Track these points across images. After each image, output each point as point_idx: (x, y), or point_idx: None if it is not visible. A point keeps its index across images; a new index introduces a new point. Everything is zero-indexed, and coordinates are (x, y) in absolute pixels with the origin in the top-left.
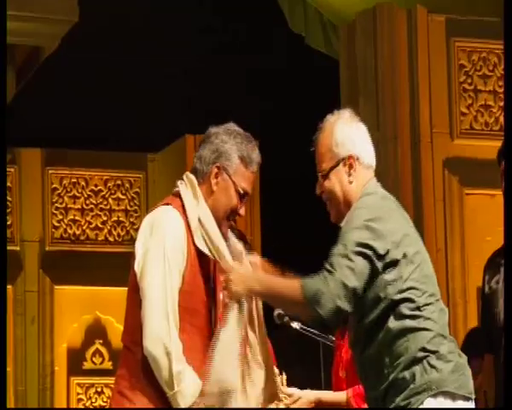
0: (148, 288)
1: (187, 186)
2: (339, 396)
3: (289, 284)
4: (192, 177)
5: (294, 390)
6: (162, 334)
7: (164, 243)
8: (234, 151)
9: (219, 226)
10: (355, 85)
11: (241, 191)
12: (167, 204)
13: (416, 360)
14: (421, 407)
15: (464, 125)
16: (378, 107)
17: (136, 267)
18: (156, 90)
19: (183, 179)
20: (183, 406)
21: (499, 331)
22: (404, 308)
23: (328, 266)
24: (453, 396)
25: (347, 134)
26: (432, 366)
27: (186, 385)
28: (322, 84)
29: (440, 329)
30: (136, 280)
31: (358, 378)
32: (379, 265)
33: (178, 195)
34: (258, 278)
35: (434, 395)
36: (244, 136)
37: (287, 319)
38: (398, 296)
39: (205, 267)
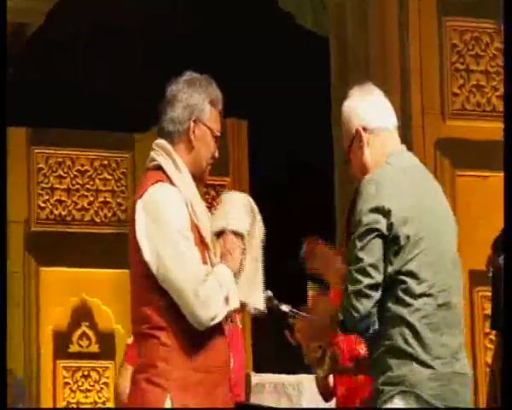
0: (176, 280)
1: (164, 157)
2: None
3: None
4: (165, 144)
5: None
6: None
7: (173, 223)
8: (203, 99)
9: (202, 177)
10: (345, 66)
11: (217, 133)
12: (156, 181)
13: (398, 350)
14: (389, 405)
15: (456, 106)
16: None
17: (149, 258)
18: (144, 69)
19: (155, 150)
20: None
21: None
22: (399, 291)
23: (346, 280)
24: (424, 403)
25: (351, 109)
26: (409, 365)
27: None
28: (311, 64)
29: (432, 326)
30: (146, 267)
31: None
32: (386, 245)
33: (159, 167)
34: (321, 325)
35: (404, 393)
36: (205, 79)
37: (276, 301)
38: (396, 278)
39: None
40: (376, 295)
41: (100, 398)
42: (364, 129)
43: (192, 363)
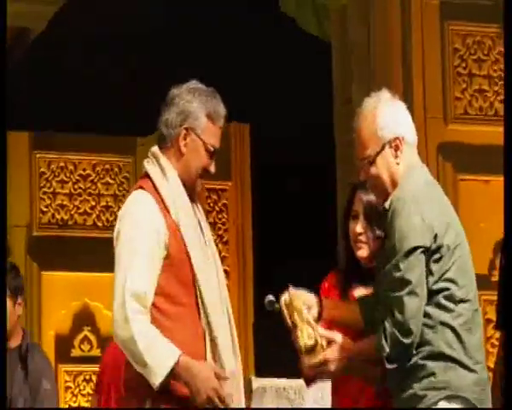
0: (115, 284)
1: (154, 163)
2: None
3: (368, 342)
4: (155, 150)
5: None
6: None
7: (130, 234)
8: (200, 109)
9: (193, 186)
10: (347, 70)
11: (211, 149)
12: (137, 188)
13: (441, 356)
14: (434, 407)
15: (458, 110)
16: (371, 91)
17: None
18: (145, 73)
19: (148, 157)
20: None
21: None
22: (442, 298)
23: (387, 306)
24: (470, 404)
25: (391, 115)
26: (454, 369)
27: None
28: (314, 68)
29: (471, 331)
30: None
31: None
32: (427, 257)
33: (148, 175)
34: (350, 354)
35: (451, 398)
36: (208, 92)
37: (277, 305)
38: (437, 286)
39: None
40: (422, 312)
41: None
42: (403, 139)
43: None
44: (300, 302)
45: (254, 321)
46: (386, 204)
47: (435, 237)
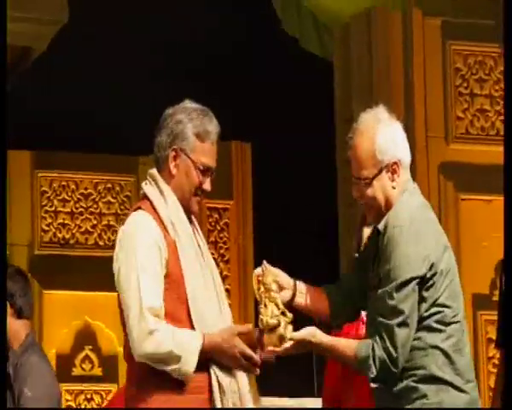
0: (125, 307)
1: (151, 184)
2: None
3: (346, 344)
4: (153, 172)
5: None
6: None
7: (135, 253)
8: (189, 129)
9: (188, 205)
10: (349, 89)
11: (202, 167)
12: (136, 209)
13: (433, 378)
14: None
15: (460, 130)
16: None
17: (115, 283)
18: (147, 92)
19: (146, 178)
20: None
21: None
22: (433, 322)
23: (378, 331)
24: None
25: (390, 138)
26: (446, 391)
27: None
28: (315, 87)
29: (461, 351)
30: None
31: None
32: (421, 285)
33: (146, 196)
34: (320, 345)
35: None
36: (198, 110)
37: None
38: (429, 312)
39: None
40: (411, 340)
41: None
42: (400, 162)
43: (172, 385)
44: (271, 280)
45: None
46: (380, 226)
47: (431, 266)
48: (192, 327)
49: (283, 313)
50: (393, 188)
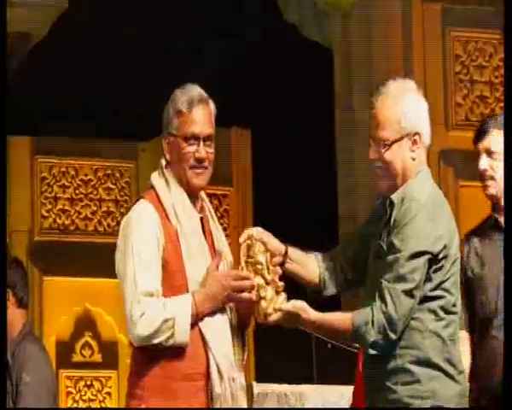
0: (123, 293)
1: (158, 174)
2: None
3: (340, 317)
4: (161, 161)
5: None
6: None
7: (131, 242)
8: (170, 112)
9: (189, 183)
10: (349, 76)
11: (187, 137)
12: (139, 199)
13: (428, 363)
14: None
15: (460, 117)
16: (372, 98)
17: (116, 270)
18: (147, 78)
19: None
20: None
21: (485, 321)
22: (435, 305)
23: (381, 294)
24: None
25: (416, 108)
26: (439, 379)
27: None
28: (315, 73)
29: (455, 342)
30: None
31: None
32: (430, 264)
33: (152, 186)
34: (311, 318)
35: (435, 408)
36: (178, 90)
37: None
38: (434, 293)
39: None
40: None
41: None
42: (420, 136)
43: (168, 372)
44: (258, 250)
45: (255, 327)
46: (395, 197)
47: (444, 247)
48: None
49: (268, 283)
50: (412, 160)
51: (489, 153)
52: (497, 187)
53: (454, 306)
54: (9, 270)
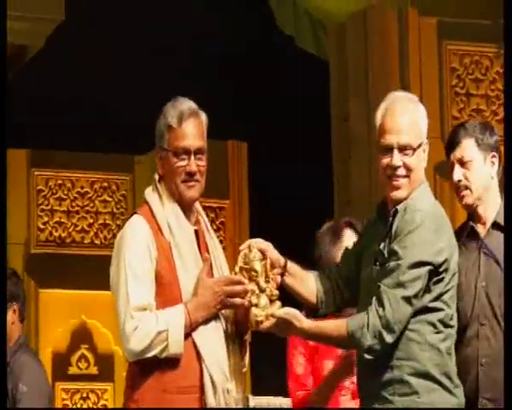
0: (116, 308)
1: (152, 188)
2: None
3: (334, 324)
4: (154, 176)
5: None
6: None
7: (124, 256)
8: (162, 126)
9: (181, 196)
10: (345, 87)
11: (179, 152)
12: (132, 215)
13: (426, 375)
14: None
15: None
16: (369, 109)
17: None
18: (142, 91)
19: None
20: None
21: (460, 329)
22: (434, 318)
23: (379, 298)
24: None
25: (426, 119)
26: (437, 392)
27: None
28: (311, 86)
29: (452, 356)
30: None
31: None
32: (431, 275)
33: (146, 201)
34: (304, 327)
35: None
36: (168, 105)
37: None
38: (432, 304)
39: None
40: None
41: None
42: (427, 146)
43: (162, 385)
44: (254, 257)
45: (251, 340)
46: (399, 207)
47: (445, 260)
48: None
49: (262, 291)
50: (423, 168)
51: (462, 163)
52: (472, 196)
53: (451, 319)
54: (10, 282)
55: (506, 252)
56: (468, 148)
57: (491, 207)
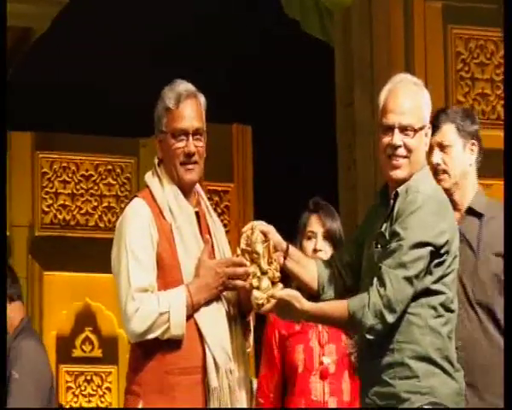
0: (118, 289)
1: (152, 172)
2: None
3: (334, 305)
4: (154, 160)
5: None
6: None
7: (124, 239)
8: (160, 109)
9: (180, 179)
10: (350, 73)
11: (176, 133)
12: (134, 197)
13: (426, 359)
14: None
15: None
16: (373, 94)
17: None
18: (148, 73)
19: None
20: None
21: None
22: (435, 301)
23: (380, 278)
24: None
25: (429, 106)
26: (438, 376)
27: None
28: (316, 70)
29: (453, 340)
30: None
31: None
32: (432, 257)
33: (147, 185)
34: (305, 308)
35: (435, 405)
36: (166, 88)
37: None
38: (434, 287)
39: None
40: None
41: (102, 402)
42: (429, 130)
43: (165, 366)
44: (256, 239)
45: (257, 324)
46: (400, 190)
47: (446, 242)
48: None
49: (264, 273)
50: (424, 151)
51: (441, 147)
52: (449, 181)
53: (452, 303)
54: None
55: (506, 252)
56: (448, 133)
57: (467, 195)
